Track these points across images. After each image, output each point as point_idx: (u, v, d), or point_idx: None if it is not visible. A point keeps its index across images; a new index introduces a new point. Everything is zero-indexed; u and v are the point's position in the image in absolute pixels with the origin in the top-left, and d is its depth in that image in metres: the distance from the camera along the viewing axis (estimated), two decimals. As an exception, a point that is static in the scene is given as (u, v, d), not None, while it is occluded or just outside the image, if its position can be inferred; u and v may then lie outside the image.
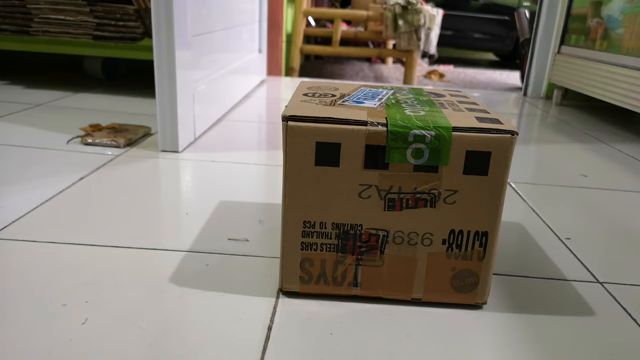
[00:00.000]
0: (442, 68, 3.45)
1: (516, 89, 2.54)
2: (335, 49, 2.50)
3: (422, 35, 2.38)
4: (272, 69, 2.12)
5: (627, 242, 0.74)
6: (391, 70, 3.20)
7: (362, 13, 2.48)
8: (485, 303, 0.56)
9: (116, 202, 0.77)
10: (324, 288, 0.55)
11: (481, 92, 2.09)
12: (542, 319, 0.54)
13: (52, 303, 0.51)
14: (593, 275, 0.64)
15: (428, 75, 2.84)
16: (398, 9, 2.37)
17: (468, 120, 0.51)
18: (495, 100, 1.89)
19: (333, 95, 0.59)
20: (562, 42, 1.86)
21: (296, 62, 2.43)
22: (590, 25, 1.70)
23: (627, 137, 1.43)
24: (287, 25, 2.36)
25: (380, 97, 0.60)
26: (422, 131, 0.49)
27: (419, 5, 2.37)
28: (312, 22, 3.15)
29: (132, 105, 1.42)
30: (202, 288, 0.56)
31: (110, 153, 1.00)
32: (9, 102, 1.37)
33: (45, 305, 0.51)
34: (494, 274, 0.63)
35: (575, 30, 1.81)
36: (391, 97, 0.60)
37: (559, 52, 1.87)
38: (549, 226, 0.78)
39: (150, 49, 1.51)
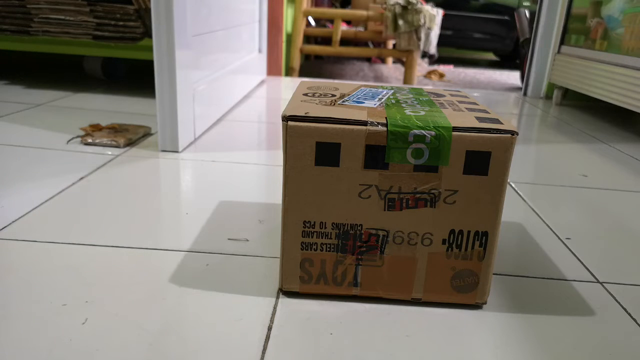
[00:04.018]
0: (442, 68, 3.45)
1: (516, 89, 2.54)
2: (335, 49, 2.50)
3: (422, 35, 2.38)
4: (272, 69, 2.12)
5: (627, 242, 0.74)
6: (391, 70, 3.20)
7: (362, 13, 2.47)
8: (485, 303, 0.56)
9: (116, 202, 0.77)
10: (324, 288, 0.55)
11: (481, 92, 2.09)
12: (542, 319, 0.54)
13: (52, 303, 0.51)
14: (593, 275, 0.64)
15: (428, 75, 2.84)
16: (398, 9, 2.37)
17: (468, 120, 0.51)
18: (495, 100, 1.89)
19: (333, 95, 0.59)
20: (562, 42, 1.86)
21: (296, 62, 2.43)
22: (590, 25, 1.70)
23: (627, 137, 1.43)
24: (287, 25, 2.36)
25: (380, 97, 0.60)
26: (422, 131, 0.49)
27: (419, 5, 2.37)
28: (312, 22, 3.15)
29: (132, 105, 1.42)
30: (202, 288, 0.56)
31: (110, 153, 1.00)
32: (9, 102, 1.37)
33: (45, 305, 0.51)
34: (494, 274, 0.63)
35: (575, 30, 1.81)
36: (391, 97, 0.60)
37: (559, 52, 1.87)
38: (549, 226, 0.78)
39: (150, 49, 1.51)
